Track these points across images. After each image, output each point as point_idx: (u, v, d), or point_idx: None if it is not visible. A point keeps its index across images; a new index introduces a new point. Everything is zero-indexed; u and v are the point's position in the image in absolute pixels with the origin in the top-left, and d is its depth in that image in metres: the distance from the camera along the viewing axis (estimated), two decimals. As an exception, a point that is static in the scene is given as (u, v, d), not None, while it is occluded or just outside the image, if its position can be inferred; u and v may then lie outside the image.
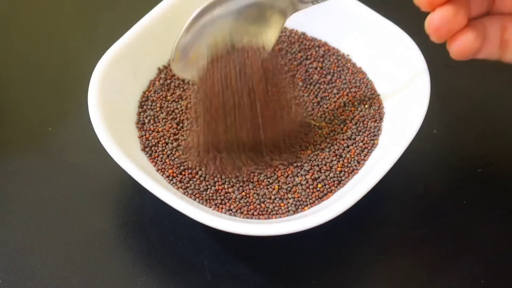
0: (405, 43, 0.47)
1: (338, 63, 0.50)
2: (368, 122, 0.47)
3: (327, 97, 0.49)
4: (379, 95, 0.48)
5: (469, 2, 0.40)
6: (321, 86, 0.49)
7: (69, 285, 0.43)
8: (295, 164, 0.45)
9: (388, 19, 0.48)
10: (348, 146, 0.46)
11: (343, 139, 0.46)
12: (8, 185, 0.48)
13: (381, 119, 0.47)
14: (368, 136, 0.46)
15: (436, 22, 0.39)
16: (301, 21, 0.51)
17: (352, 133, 0.47)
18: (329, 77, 0.50)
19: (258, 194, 0.44)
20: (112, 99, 0.45)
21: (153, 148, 0.45)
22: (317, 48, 0.51)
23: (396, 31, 0.48)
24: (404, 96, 0.46)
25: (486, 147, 0.50)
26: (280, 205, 0.43)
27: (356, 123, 0.47)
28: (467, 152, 0.50)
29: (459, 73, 0.53)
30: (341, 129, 0.47)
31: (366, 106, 0.48)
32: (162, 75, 0.49)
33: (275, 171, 0.45)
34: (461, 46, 0.40)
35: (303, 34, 0.52)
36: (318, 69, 0.50)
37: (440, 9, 0.39)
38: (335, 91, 0.49)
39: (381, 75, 0.49)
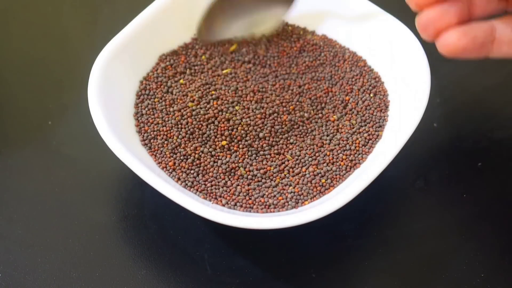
0: (405, 37, 0.47)
1: (336, 52, 0.50)
2: (374, 111, 0.47)
3: (332, 85, 0.49)
4: (383, 82, 0.48)
5: (464, 3, 0.40)
6: (325, 76, 0.49)
7: (69, 278, 0.43)
8: (298, 158, 0.45)
9: (388, 12, 0.48)
10: (352, 136, 0.46)
11: (349, 129, 0.46)
12: (8, 178, 0.48)
13: (386, 108, 0.47)
14: (373, 127, 0.46)
15: (423, 21, 0.40)
16: (300, 16, 0.51)
17: (357, 122, 0.46)
18: (329, 68, 0.50)
19: (258, 187, 0.44)
20: (112, 93, 0.45)
21: (152, 141, 0.45)
22: (315, 40, 0.51)
23: (396, 24, 0.48)
24: (405, 90, 0.46)
25: (486, 141, 0.50)
26: (279, 199, 0.43)
27: (359, 112, 0.47)
28: (467, 146, 0.50)
29: (459, 67, 0.53)
30: (348, 119, 0.47)
31: (371, 95, 0.48)
32: (165, 63, 0.49)
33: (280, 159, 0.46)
34: (444, 43, 0.40)
35: (304, 28, 0.52)
36: (319, 57, 0.50)
37: (428, 9, 0.39)
38: (338, 79, 0.49)
39: (381, 71, 0.49)
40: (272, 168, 0.45)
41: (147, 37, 0.48)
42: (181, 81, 0.48)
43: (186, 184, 0.44)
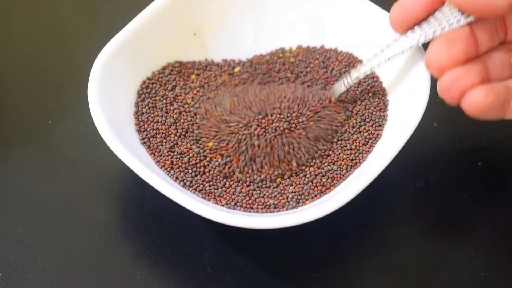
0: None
1: (332, 54, 0.50)
2: (373, 111, 0.47)
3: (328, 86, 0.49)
4: (382, 82, 0.48)
5: (483, 64, 0.40)
6: (321, 76, 0.49)
7: (69, 278, 0.43)
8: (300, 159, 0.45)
9: (388, 12, 0.48)
10: (353, 135, 0.46)
11: (348, 129, 0.46)
12: (8, 178, 0.48)
13: (385, 107, 0.47)
14: (373, 126, 0.46)
15: (447, 82, 0.39)
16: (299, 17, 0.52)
17: (357, 121, 0.46)
18: (323, 70, 0.50)
19: (258, 188, 0.44)
20: (112, 92, 0.45)
21: (151, 139, 0.45)
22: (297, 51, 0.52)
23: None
24: (405, 90, 0.46)
25: (486, 140, 0.50)
26: (279, 199, 0.43)
27: (359, 112, 0.47)
28: (468, 145, 0.50)
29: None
30: (347, 119, 0.47)
31: (370, 94, 0.48)
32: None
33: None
34: (471, 102, 0.38)
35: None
36: (317, 61, 0.50)
37: (450, 71, 0.39)
38: (335, 78, 0.49)
39: (381, 69, 0.49)
40: (273, 172, 0.45)
41: (147, 36, 0.48)
42: (193, 76, 0.49)
43: (185, 184, 0.44)
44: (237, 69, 0.50)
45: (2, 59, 0.57)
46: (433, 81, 0.44)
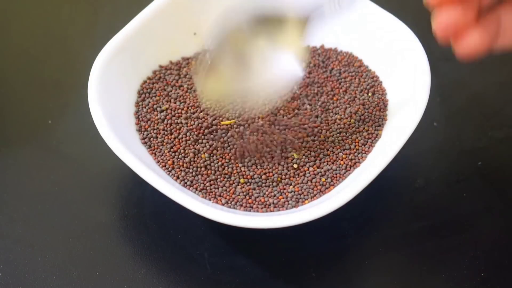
0: (405, 36, 0.47)
1: (332, 53, 0.50)
2: (372, 110, 0.47)
3: (328, 88, 0.49)
4: (381, 82, 0.48)
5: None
6: (320, 76, 0.49)
7: (69, 277, 0.43)
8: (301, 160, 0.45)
9: (387, 11, 0.48)
10: (352, 135, 0.46)
11: (348, 129, 0.46)
12: (8, 177, 0.48)
13: (385, 107, 0.47)
14: (372, 126, 0.46)
15: (444, 21, 0.37)
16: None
17: (356, 120, 0.46)
18: (323, 70, 0.50)
19: (258, 187, 0.44)
20: (112, 92, 0.45)
21: (152, 139, 0.45)
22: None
23: (396, 24, 0.47)
24: (405, 89, 0.46)
25: (486, 140, 0.50)
26: (279, 198, 0.43)
27: (358, 111, 0.47)
28: (467, 145, 0.50)
29: (460, 66, 0.53)
30: (346, 119, 0.47)
31: (369, 94, 0.48)
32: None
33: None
34: (465, 46, 0.38)
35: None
36: (317, 63, 0.50)
37: (448, 9, 0.38)
38: (334, 78, 0.49)
39: (381, 69, 0.49)
40: (273, 174, 0.45)
41: (147, 36, 0.48)
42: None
43: (185, 183, 0.44)
44: None
45: (2, 59, 0.57)
46: (433, 82, 0.44)
